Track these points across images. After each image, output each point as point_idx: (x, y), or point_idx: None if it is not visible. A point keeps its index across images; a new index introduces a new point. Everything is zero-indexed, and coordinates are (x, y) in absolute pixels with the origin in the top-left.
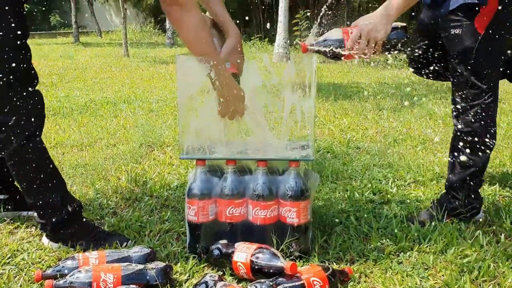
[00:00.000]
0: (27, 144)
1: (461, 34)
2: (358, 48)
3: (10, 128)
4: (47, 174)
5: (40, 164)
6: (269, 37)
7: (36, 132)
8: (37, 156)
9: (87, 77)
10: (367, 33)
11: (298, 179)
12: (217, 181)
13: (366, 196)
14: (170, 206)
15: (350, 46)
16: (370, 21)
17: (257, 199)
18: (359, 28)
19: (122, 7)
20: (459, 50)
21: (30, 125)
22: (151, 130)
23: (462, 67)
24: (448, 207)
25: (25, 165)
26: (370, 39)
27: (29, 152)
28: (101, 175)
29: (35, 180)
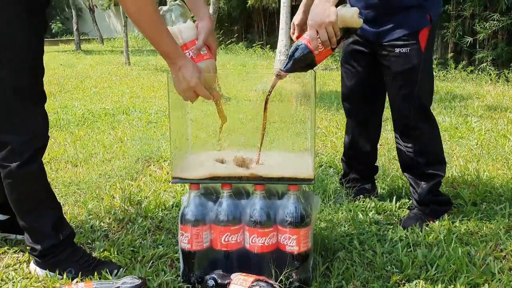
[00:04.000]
0: (24, 167)
1: (408, 53)
2: (323, 43)
3: (10, 149)
4: (42, 199)
5: (35, 189)
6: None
7: (36, 155)
8: (33, 180)
9: (87, 86)
10: (319, 24)
11: (297, 204)
12: (212, 205)
13: (370, 217)
14: (164, 228)
15: (315, 45)
16: (314, 13)
17: (254, 225)
18: (310, 25)
19: (123, 14)
20: (406, 68)
21: (30, 148)
22: (148, 144)
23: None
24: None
25: (19, 188)
26: (326, 27)
27: (25, 175)
28: (94, 194)
29: (28, 204)
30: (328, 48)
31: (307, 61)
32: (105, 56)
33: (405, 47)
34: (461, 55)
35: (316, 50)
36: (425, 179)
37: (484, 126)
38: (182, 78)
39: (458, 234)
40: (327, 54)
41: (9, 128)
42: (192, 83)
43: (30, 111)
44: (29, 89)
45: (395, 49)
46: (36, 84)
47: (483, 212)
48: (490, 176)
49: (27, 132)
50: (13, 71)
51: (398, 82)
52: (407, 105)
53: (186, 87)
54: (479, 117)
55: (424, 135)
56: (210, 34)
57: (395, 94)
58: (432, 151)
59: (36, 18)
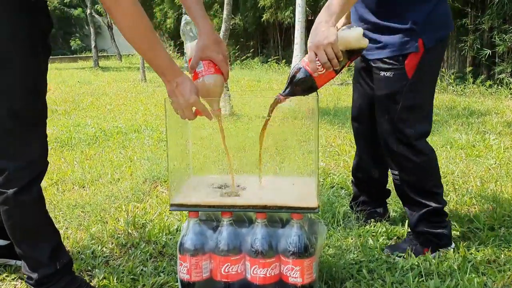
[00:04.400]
0: (21, 194)
1: (391, 77)
2: (322, 65)
3: (6, 175)
4: (39, 227)
5: (32, 216)
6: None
7: (33, 182)
8: (30, 208)
9: (102, 104)
10: (317, 46)
11: (301, 233)
12: (211, 234)
13: (381, 243)
14: (167, 254)
15: (313, 68)
16: (313, 34)
17: (256, 255)
18: (308, 47)
19: None
20: (387, 93)
21: (27, 174)
22: (157, 163)
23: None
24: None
25: (16, 215)
26: (324, 49)
27: (22, 202)
28: (99, 217)
29: (25, 232)
30: (330, 71)
31: (306, 84)
32: (122, 73)
33: (389, 71)
34: (479, 68)
35: (315, 73)
36: (414, 207)
37: (503, 143)
38: (180, 96)
39: (474, 263)
40: (329, 77)
41: (4, 153)
42: (191, 100)
43: (26, 135)
44: (25, 112)
45: (380, 73)
46: (33, 106)
47: (501, 238)
48: (509, 198)
49: (23, 158)
50: (7, 92)
51: (380, 107)
52: (389, 132)
53: (184, 104)
54: (498, 134)
55: (409, 164)
56: (207, 50)
57: (379, 118)
58: (418, 181)
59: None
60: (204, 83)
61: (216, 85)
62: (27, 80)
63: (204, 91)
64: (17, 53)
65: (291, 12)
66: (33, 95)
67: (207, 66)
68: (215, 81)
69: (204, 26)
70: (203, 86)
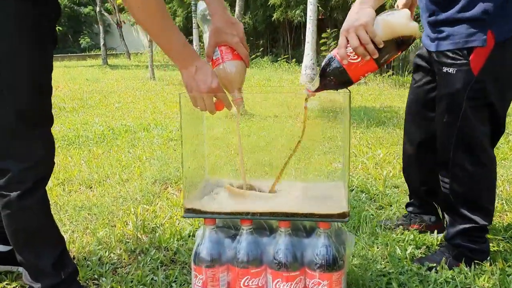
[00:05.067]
0: (24, 197)
1: (454, 74)
2: (354, 50)
3: (9, 177)
4: (42, 234)
5: (35, 222)
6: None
7: (38, 185)
8: (34, 213)
9: (110, 101)
10: (347, 29)
11: (329, 244)
12: (229, 243)
13: (410, 253)
14: (179, 261)
15: (342, 54)
16: (347, 18)
17: (279, 268)
18: (340, 32)
19: None
20: (449, 92)
21: (32, 176)
22: (167, 163)
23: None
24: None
25: (18, 220)
26: (356, 31)
27: (25, 207)
28: (106, 220)
29: (27, 239)
30: (367, 60)
31: (336, 76)
32: (130, 71)
33: (452, 67)
34: None
35: (344, 60)
36: (457, 219)
37: None
38: (200, 82)
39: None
40: (368, 68)
41: (8, 153)
42: (213, 85)
43: (32, 135)
44: (31, 110)
45: (443, 68)
46: (40, 104)
47: None
48: None
49: (28, 158)
50: (12, 89)
51: (441, 106)
52: (448, 135)
53: (205, 92)
54: None
55: (463, 174)
56: (221, 33)
57: (438, 120)
58: (471, 194)
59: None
60: (223, 71)
61: (236, 72)
62: (34, 76)
63: (224, 80)
64: (23, 46)
65: (301, 11)
66: (39, 92)
67: (224, 52)
68: (235, 68)
69: (216, 7)
70: (222, 74)
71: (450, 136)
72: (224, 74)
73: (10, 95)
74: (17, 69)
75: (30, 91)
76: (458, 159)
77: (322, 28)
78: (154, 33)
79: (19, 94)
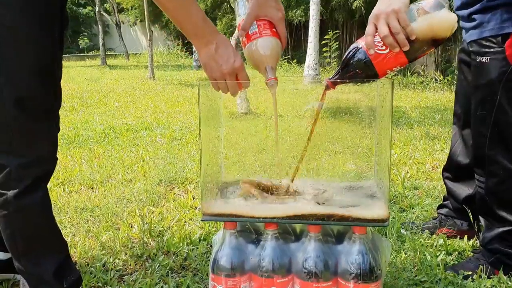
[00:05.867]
0: (23, 197)
1: (488, 63)
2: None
3: (6, 172)
4: (43, 238)
5: (35, 225)
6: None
7: (38, 183)
8: (34, 214)
9: (110, 101)
10: (377, 15)
11: (365, 251)
12: (252, 249)
13: (442, 259)
14: (190, 268)
15: (369, 43)
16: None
17: (309, 278)
18: (369, 20)
19: (148, 29)
20: (483, 83)
21: (32, 173)
22: (172, 163)
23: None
24: None
25: (16, 223)
26: (386, 18)
27: (24, 207)
28: (110, 222)
29: (26, 244)
30: (397, 52)
31: (361, 68)
32: (130, 71)
33: (485, 56)
34: None
35: (371, 50)
36: (494, 222)
37: None
38: (221, 60)
39: None
40: (397, 61)
41: (7, 147)
42: (236, 64)
43: (33, 128)
44: (34, 100)
45: (476, 58)
46: (44, 94)
47: None
48: None
49: (29, 153)
50: (14, 76)
51: (475, 100)
52: (482, 130)
53: (228, 70)
54: None
55: (500, 172)
56: (265, 6)
57: (473, 113)
58: (507, 192)
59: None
60: (258, 46)
61: (272, 49)
62: (39, 62)
63: (256, 56)
64: (29, 27)
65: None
66: (44, 80)
67: (263, 27)
68: (271, 44)
69: None
70: (255, 50)
71: (484, 130)
72: (258, 50)
73: (11, 81)
74: (20, 53)
75: (34, 79)
76: (494, 155)
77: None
78: (171, 6)
79: (21, 81)
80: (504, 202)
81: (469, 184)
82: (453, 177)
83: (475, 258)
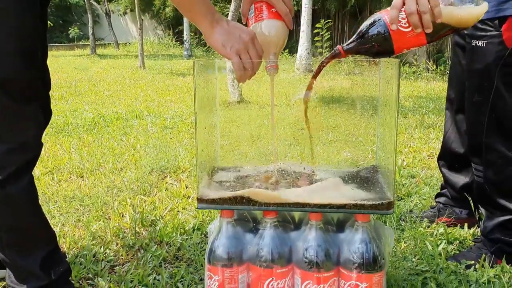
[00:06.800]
0: (7, 185)
1: (484, 47)
2: (407, 16)
3: None
4: (29, 228)
5: (21, 214)
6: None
7: (23, 170)
8: (19, 203)
9: (99, 89)
10: None
11: (369, 240)
12: (250, 238)
13: (443, 248)
14: (184, 258)
15: (393, 17)
16: None
17: (310, 267)
18: None
19: (139, 17)
20: (479, 68)
21: (16, 159)
22: (164, 152)
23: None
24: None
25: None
26: None
27: (8, 196)
28: (100, 212)
29: (11, 234)
30: (418, 32)
31: (378, 42)
32: (119, 60)
33: (482, 39)
34: None
35: (393, 25)
36: (495, 211)
37: None
38: (240, 32)
39: None
40: (416, 41)
41: None
42: (251, 30)
43: (17, 111)
44: (16, 82)
45: (472, 42)
46: (28, 75)
47: None
48: None
49: (12, 139)
50: None
51: (471, 85)
52: (479, 116)
53: (248, 37)
54: None
55: (500, 160)
56: None
57: (468, 99)
58: (507, 181)
59: None
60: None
61: (270, 34)
62: (22, 44)
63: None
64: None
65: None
66: (28, 62)
67: (259, 10)
68: (269, 28)
69: None
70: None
71: (481, 117)
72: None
73: None
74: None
75: (16, 58)
76: (491, 143)
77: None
78: None
79: (2, 61)
80: (504, 190)
81: (465, 172)
82: (449, 165)
83: (476, 247)
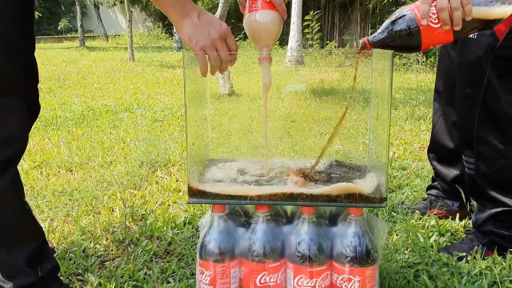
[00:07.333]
0: None
1: (475, 39)
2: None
3: None
4: (14, 224)
5: (5, 210)
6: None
7: (7, 165)
8: (3, 199)
9: (88, 82)
10: None
11: (362, 233)
12: (242, 232)
13: (435, 240)
14: (175, 252)
15: (424, 12)
16: None
17: (302, 262)
18: None
19: (128, 9)
20: (470, 60)
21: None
22: (154, 145)
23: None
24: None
25: None
26: None
27: None
28: (89, 206)
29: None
30: (446, 29)
31: (407, 36)
32: (109, 53)
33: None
34: None
35: (424, 20)
36: (486, 204)
37: None
38: (208, 26)
39: None
40: (442, 38)
41: None
42: (223, 28)
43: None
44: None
45: None
46: (8, 69)
47: None
48: None
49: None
50: None
51: (462, 77)
52: (470, 109)
53: (217, 35)
54: None
55: (491, 152)
56: None
57: (459, 91)
58: (500, 174)
59: None
60: (248, 23)
61: (266, 24)
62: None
63: (252, 32)
64: None
65: None
66: (9, 54)
67: (253, 1)
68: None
69: None
70: (247, 27)
71: (472, 109)
72: (250, 26)
73: None
74: None
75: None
76: (483, 136)
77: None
78: None
79: None
80: (496, 183)
81: (455, 165)
82: (439, 158)
83: (468, 239)
